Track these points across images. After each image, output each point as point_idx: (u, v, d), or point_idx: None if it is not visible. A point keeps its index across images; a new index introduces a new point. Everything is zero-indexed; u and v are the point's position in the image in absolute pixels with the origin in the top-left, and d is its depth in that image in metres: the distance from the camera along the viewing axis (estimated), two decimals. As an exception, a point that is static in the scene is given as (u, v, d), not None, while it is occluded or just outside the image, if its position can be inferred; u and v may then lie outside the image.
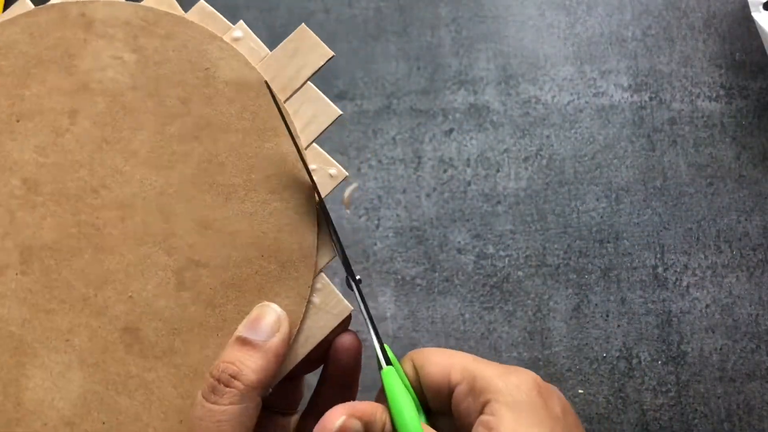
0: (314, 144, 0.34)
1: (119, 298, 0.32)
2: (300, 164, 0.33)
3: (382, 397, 0.30)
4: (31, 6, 0.35)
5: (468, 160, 0.50)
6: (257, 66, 0.34)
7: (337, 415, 0.28)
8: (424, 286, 0.48)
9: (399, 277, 0.48)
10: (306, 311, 0.32)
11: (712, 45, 0.52)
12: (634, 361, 0.46)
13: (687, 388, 0.46)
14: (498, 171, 0.50)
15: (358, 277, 0.32)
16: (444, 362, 0.30)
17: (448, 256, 0.48)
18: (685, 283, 0.47)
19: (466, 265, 0.48)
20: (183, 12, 0.35)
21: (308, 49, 0.34)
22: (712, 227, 0.48)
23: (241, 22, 0.35)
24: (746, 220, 0.48)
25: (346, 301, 0.32)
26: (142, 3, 0.35)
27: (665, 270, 0.48)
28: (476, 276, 0.48)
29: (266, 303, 0.31)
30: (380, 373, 0.30)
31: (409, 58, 0.52)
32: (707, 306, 0.47)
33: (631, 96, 0.51)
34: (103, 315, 0.32)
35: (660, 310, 0.47)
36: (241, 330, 0.30)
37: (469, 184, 0.49)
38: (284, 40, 0.34)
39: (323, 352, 0.32)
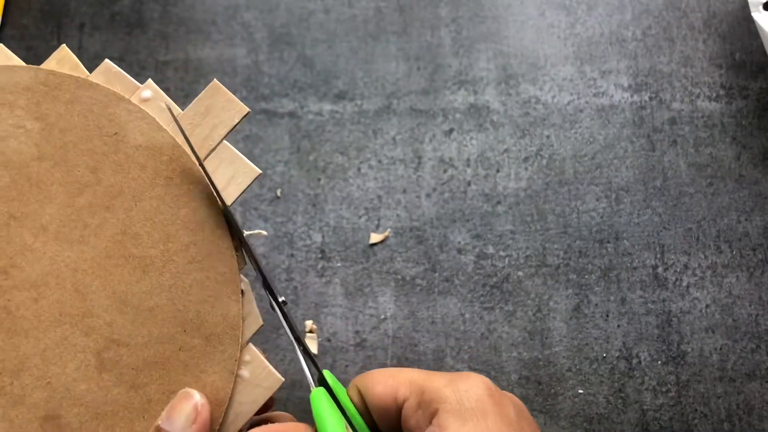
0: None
1: (37, 385, 0.30)
2: (221, 221, 0.31)
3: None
4: None
5: (468, 160, 0.50)
6: (168, 127, 0.32)
7: None
8: (424, 286, 0.48)
9: (399, 277, 0.48)
10: (235, 386, 0.30)
11: (712, 45, 0.52)
12: (634, 361, 0.46)
13: (687, 388, 0.46)
14: (498, 171, 0.50)
15: (281, 299, 0.31)
16: (389, 381, 0.29)
17: (448, 256, 0.48)
18: (685, 283, 0.48)
19: (466, 265, 0.48)
20: (87, 72, 0.33)
21: (221, 107, 0.32)
22: (712, 227, 0.48)
23: (150, 81, 0.33)
24: (746, 220, 0.48)
25: (276, 373, 0.31)
26: (43, 65, 0.33)
27: (665, 270, 0.48)
28: (476, 276, 0.48)
29: (187, 390, 0.30)
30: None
31: (409, 58, 0.52)
32: (707, 306, 0.47)
33: (631, 96, 0.51)
34: (21, 404, 0.29)
35: (660, 310, 0.47)
36: (162, 417, 0.29)
37: (469, 184, 0.49)
38: (195, 99, 0.32)
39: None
